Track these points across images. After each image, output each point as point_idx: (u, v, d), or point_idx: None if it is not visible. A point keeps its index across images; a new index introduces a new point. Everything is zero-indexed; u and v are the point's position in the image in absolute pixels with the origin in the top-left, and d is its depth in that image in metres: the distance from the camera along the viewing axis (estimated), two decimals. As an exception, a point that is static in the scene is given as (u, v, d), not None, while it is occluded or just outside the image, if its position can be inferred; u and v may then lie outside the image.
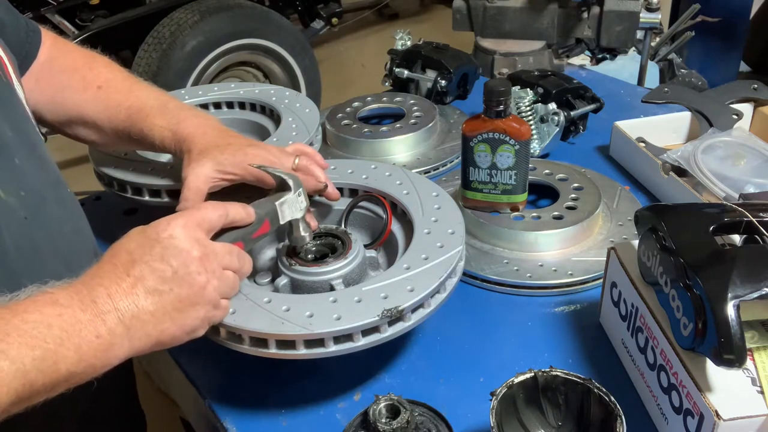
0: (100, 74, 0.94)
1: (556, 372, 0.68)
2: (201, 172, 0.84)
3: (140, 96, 0.92)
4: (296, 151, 0.92)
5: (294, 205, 0.80)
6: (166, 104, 0.92)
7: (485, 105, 0.99)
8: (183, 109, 0.92)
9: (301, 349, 0.73)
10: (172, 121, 0.89)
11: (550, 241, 1.02)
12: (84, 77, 0.93)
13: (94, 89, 0.92)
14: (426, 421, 0.73)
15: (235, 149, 0.86)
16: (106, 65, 0.96)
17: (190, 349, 0.89)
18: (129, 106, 0.91)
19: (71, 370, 0.57)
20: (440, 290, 0.79)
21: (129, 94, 0.92)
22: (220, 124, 0.92)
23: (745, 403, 0.65)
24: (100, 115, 0.92)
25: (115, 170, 1.04)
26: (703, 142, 1.17)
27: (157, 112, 0.90)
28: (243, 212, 0.74)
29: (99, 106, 0.92)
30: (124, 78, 0.95)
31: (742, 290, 0.63)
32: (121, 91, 0.93)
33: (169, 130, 0.88)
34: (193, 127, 0.88)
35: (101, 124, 0.93)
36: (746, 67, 3.40)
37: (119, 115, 0.91)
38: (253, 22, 2.83)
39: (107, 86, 0.93)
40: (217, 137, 0.88)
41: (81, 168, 2.34)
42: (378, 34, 4.73)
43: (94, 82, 0.93)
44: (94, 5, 3.16)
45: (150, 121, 0.89)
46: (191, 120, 0.89)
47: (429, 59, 1.47)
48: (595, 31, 1.69)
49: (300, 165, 0.89)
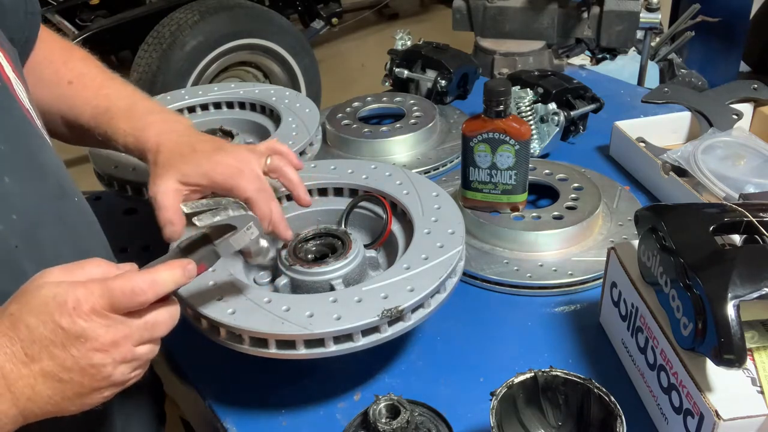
0: (73, 69, 0.89)
1: (556, 372, 0.68)
2: (168, 188, 0.79)
3: (109, 95, 0.87)
4: (269, 150, 0.87)
5: (240, 239, 0.70)
6: (133, 106, 0.87)
7: (485, 105, 0.99)
8: (150, 113, 0.86)
9: (301, 349, 0.73)
10: (136, 126, 0.84)
11: (550, 241, 1.02)
12: (57, 71, 0.88)
13: (65, 85, 0.87)
14: (426, 421, 0.73)
15: (201, 158, 0.80)
16: (81, 59, 0.91)
17: (190, 349, 0.89)
18: (96, 105, 0.86)
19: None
20: (440, 290, 0.79)
21: (97, 92, 0.87)
22: (189, 127, 0.87)
23: (745, 403, 0.65)
24: (67, 113, 0.87)
25: (115, 170, 1.05)
26: (703, 142, 1.17)
27: (123, 115, 0.85)
28: (178, 275, 0.63)
29: (67, 102, 0.87)
30: (96, 75, 0.90)
31: (742, 290, 0.63)
32: (90, 88, 0.88)
33: (133, 136, 0.84)
34: (157, 135, 0.83)
35: (69, 121, 0.88)
36: (746, 67, 3.39)
37: (84, 115, 0.86)
38: (253, 22, 2.83)
39: (78, 82, 0.88)
40: (181, 145, 0.82)
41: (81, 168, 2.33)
42: (378, 34, 4.73)
43: (65, 77, 0.88)
44: (94, 5, 3.17)
45: (114, 124, 0.85)
46: (156, 126, 0.84)
47: (429, 59, 1.47)
48: (595, 31, 1.69)
49: (271, 165, 0.85)
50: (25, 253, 0.65)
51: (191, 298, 0.77)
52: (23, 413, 0.56)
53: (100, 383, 0.58)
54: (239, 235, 0.68)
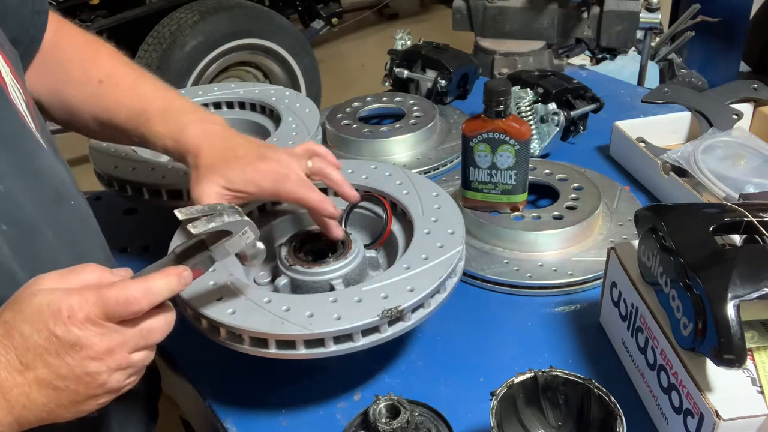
0: (102, 67, 0.88)
1: (556, 372, 0.68)
2: (212, 191, 0.79)
3: (143, 95, 0.87)
4: (307, 152, 0.88)
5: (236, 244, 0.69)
6: (168, 106, 0.86)
7: (485, 105, 0.99)
8: (186, 113, 0.86)
9: (301, 349, 0.73)
10: (174, 128, 0.83)
11: (550, 241, 1.02)
12: (86, 70, 0.87)
13: (95, 84, 0.87)
14: (426, 421, 0.73)
15: (245, 164, 0.81)
16: (109, 56, 0.90)
17: (190, 349, 0.89)
18: (130, 106, 0.86)
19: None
20: (440, 290, 0.79)
21: (131, 92, 0.87)
22: (225, 127, 0.87)
23: (745, 403, 0.65)
24: (100, 113, 0.87)
25: (115, 170, 1.05)
26: (703, 142, 1.17)
27: (159, 117, 0.84)
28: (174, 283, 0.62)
29: (99, 102, 0.87)
30: (127, 72, 0.89)
31: (742, 290, 0.63)
32: (122, 88, 0.87)
33: (171, 139, 0.83)
34: (197, 138, 0.82)
35: (102, 121, 0.87)
36: (746, 67, 3.39)
37: (120, 115, 0.86)
38: (253, 22, 2.84)
39: (109, 81, 0.87)
40: (223, 149, 0.82)
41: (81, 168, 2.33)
42: (378, 34, 4.73)
43: (95, 75, 0.87)
44: (94, 5, 3.16)
45: (151, 127, 0.84)
46: (194, 127, 0.83)
47: (429, 59, 1.47)
48: (595, 31, 1.69)
49: (314, 168, 0.85)
50: (20, 260, 0.65)
51: (191, 298, 0.77)
52: (18, 421, 0.56)
53: (96, 390, 0.58)
54: (235, 240, 0.68)
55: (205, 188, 0.79)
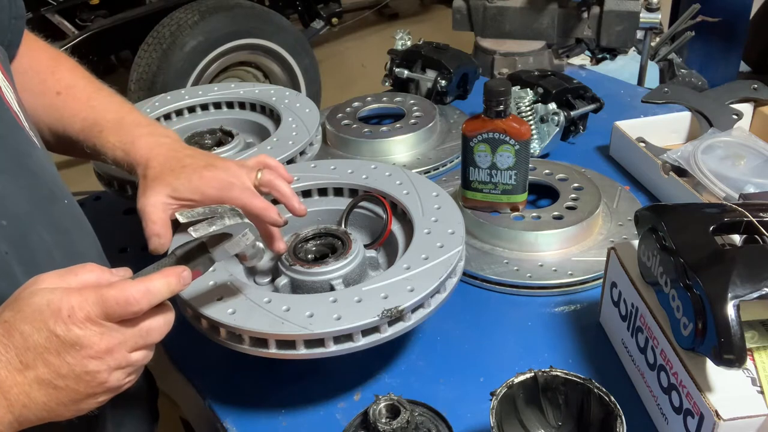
0: (61, 79, 0.89)
1: (556, 372, 0.68)
2: (157, 201, 0.80)
3: (97, 107, 0.88)
4: (258, 164, 0.88)
5: (235, 245, 0.70)
6: (122, 119, 0.87)
7: (485, 105, 0.99)
8: (139, 126, 0.87)
9: (301, 349, 0.73)
10: (125, 139, 0.84)
11: (550, 241, 1.02)
12: (44, 81, 0.88)
13: (53, 95, 0.87)
14: (426, 421, 0.73)
15: (191, 173, 0.81)
16: (70, 69, 0.91)
17: (190, 348, 0.89)
18: (84, 117, 0.86)
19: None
20: (440, 290, 0.79)
21: (86, 105, 0.88)
22: (177, 140, 0.88)
23: (745, 403, 0.65)
24: (55, 124, 0.87)
25: (115, 170, 1.04)
26: (703, 142, 1.17)
27: (112, 128, 0.85)
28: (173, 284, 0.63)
29: (55, 113, 0.87)
30: (85, 85, 0.90)
31: (742, 290, 0.63)
32: (79, 100, 0.88)
33: (122, 150, 0.84)
34: (146, 149, 0.83)
35: (56, 132, 0.88)
36: (746, 67, 3.39)
37: (74, 126, 0.87)
38: (253, 22, 2.83)
39: (66, 93, 0.88)
40: (171, 159, 0.83)
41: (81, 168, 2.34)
42: (378, 34, 4.73)
43: (53, 87, 0.88)
44: (94, 5, 3.17)
45: (104, 137, 0.85)
46: (144, 140, 0.84)
47: (429, 59, 1.47)
48: (595, 31, 1.69)
49: (263, 180, 0.85)
50: (16, 258, 0.65)
51: (191, 298, 0.77)
52: (18, 419, 0.56)
53: (95, 389, 0.59)
54: (234, 241, 0.69)
55: (150, 199, 0.80)
